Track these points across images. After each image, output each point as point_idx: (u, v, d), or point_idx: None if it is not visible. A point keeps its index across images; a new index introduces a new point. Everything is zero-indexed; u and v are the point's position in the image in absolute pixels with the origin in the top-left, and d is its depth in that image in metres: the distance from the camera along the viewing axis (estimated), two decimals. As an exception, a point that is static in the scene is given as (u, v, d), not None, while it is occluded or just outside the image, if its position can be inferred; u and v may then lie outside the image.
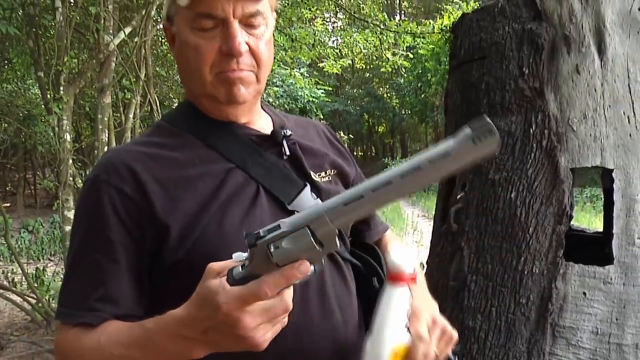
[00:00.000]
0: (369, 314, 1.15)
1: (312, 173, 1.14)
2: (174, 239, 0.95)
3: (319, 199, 1.09)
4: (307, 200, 1.07)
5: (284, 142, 1.11)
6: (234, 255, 0.77)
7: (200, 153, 1.05)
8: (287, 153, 1.11)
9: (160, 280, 0.98)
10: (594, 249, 2.50)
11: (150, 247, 0.97)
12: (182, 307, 0.80)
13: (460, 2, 13.30)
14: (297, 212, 1.02)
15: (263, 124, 1.16)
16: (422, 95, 21.67)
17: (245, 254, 0.76)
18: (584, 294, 2.35)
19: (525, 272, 2.43)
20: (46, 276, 6.84)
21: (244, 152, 1.07)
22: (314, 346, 1.01)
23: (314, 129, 1.29)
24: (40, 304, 5.23)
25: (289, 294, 0.76)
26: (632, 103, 2.40)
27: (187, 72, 1.07)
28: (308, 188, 1.09)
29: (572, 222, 3.51)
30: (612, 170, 2.38)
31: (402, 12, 28.97)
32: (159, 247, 0.96)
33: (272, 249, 0.73)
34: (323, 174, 1.18)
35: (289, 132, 1.12)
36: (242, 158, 1.06)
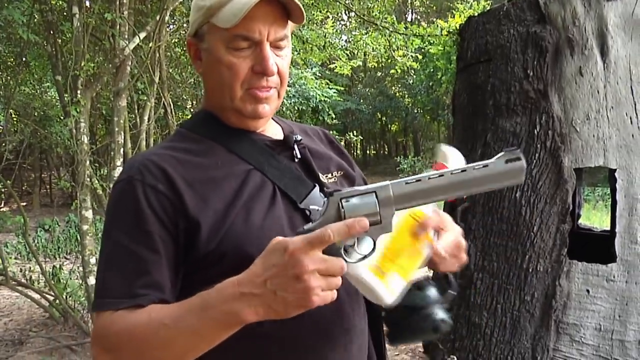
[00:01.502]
0: (369, 306, 1.23)
1: (320, 174, 1.23)
2: (204, 234, 1.03)
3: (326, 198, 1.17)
4: (316, 199, 1.16)
5: (295, 147, 1.21)
6: (310, 206, 0.93)
7: (222, 157, 1.14)
8: (298, 156, 1.21)
9: (190, 270, 1.06)
10: (601, 247, 2.55)
11: (184, 240, 1.04)
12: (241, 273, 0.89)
13: (472, 1, 13.28)
14: (308, 210, 1.12)
15: (274, 130, 1.26)
16: (434, 94, 21.63)
17: (319, 208, 0.90)
18: (588, 291, 2.40)
19: (530, 270, 2.49)
20: (63, 274, 6.96)
21: (260, 155, 1.17)
22: (326, 328, 1.10)
23: (316, 134, 1.39)
24: (57, 301, 5.33)
25: (342, 261, 0.86)
26: (635, 104, 2.45)
27: (217, 87, 1.15)
28: (317, 188, 1.18)
29: (581, 221, 3.56)
30: (615, 170, 2.44)
31: (414, 10, 28.88)
32: (191, 240, 1.04)
33: (343, 203, 0.87)
34: (330, 175, 1.27)
35: (299, 137, 1.22)
36: (258, 161, 1.16)
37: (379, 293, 0.94)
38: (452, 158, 1.13)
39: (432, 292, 1.03)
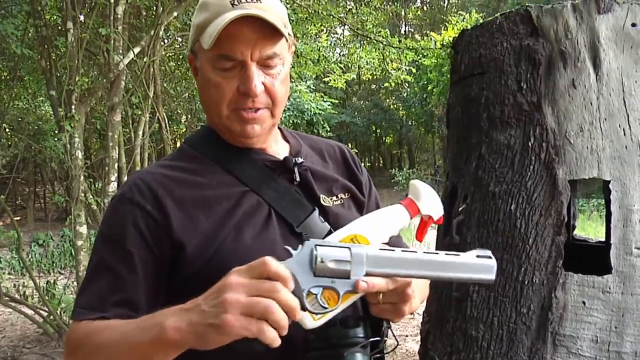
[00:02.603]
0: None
1: (323, 197, 1.21)
2: (190, 255, 1.04)
3: (326, 223, 1.16)
4: (314, 223, 1.14)
5: (295, 169, 1.19)
6: (285, 246, 0.93)
7: (218, 177, 1.14)
8: (298, 179, 1.19)
9: (175, 291, 1.05)
10: (597, 259, 2.55)
11: (168, 260, 1.05)
12: None
13: (464, 14, 13.40)
14: (305, 234, 1.10)
15: (279, 149, 1.24)
16: (428, 106, 21.73)
17: (296, 251, 0.92)
18: (584, 303, 2.40)
19: (526, 282, 2.48)
20: (57, 289, 6.91)
21: (258, 176, 1.15)
22: None
23: (331, 150, 1.37)
24: (52, 317, 5.29)
25: (280, 295, 0.83)
26: (627, 116, 2.46)
27: (208, 104, 1.16)
28: (316, 212, 1.16)
29: (576, 232, 3.57)
30: (609, 181, 2.44)
31: (407, 23, 29.08)
32: (176, 260, 1.05)
33: (317, 248, 0.89)
34: (334, 198, 1.24)
35: (300, 160, 1.20)
36: (256, 182, 1.15)
37: (301, 314, 0.90)
38: (424, 195, 1.12)
39: (356, 332, 0.97)
